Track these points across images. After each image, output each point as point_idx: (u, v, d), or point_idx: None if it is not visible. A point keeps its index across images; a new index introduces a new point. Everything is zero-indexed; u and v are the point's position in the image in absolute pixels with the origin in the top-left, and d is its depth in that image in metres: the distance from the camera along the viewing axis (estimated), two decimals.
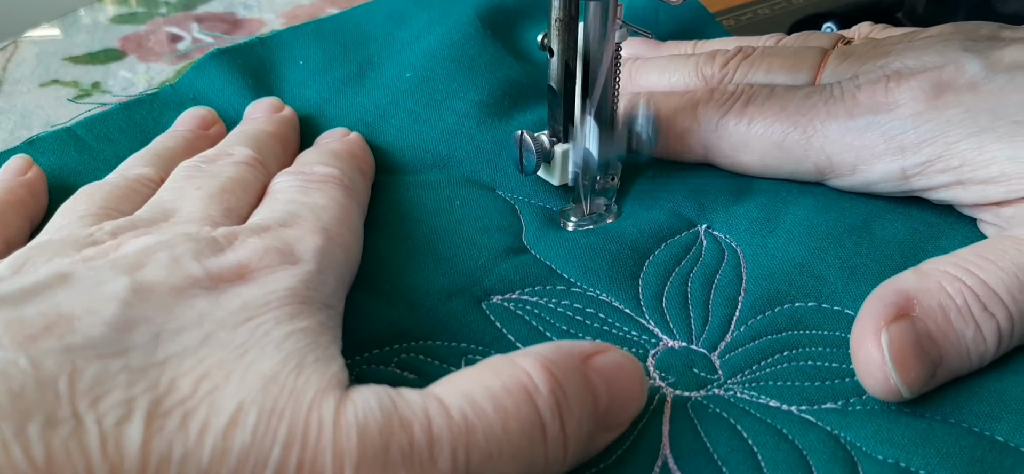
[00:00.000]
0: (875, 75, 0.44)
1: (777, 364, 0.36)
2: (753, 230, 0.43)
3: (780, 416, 0.33)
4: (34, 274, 0.28)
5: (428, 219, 0.44)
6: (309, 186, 0.40)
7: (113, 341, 0.26)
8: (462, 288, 0.40)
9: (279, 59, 0.59)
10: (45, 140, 0.50)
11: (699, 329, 0.38)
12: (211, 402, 0.25)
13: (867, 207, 0.44)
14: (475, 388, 0.28)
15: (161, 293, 0.28)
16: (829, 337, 0.37)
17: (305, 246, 0.34)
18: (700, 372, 0.36)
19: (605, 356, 0.31)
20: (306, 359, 0.28)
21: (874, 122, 0.42)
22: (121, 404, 0.24)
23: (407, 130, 0.52)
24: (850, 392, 0.34)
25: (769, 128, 0.45)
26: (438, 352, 0.36)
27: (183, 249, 0.31)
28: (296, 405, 0.26)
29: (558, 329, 0.38)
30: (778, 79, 0.49)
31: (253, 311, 0.29)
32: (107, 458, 0.22)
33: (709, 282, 0.40)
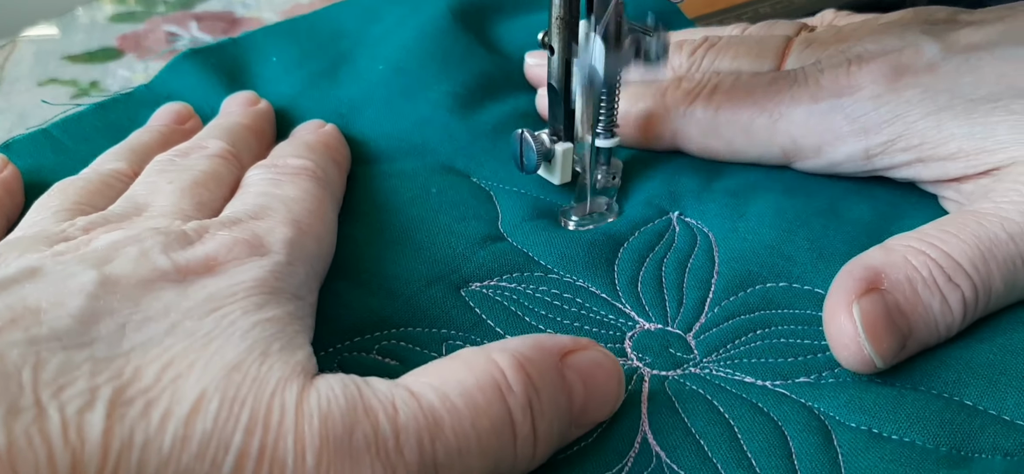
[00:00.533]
0: (837, 60, 0.45)
1: (751, 342, 0.37)
2: (724, 215, 0.44)
3: (755, 391, 0.34)
4: (3, 269, 0.29)
5: (405, 208, 0.45)
6: (281, 178, 0.40)
7: (78, 333, 0.26)
8: (441, 275, 0.40)
9: (252, 58, 0.59)
10: (21, 142, 0.50)
11: (674, 311, 0.39)
12: (174, 390, 0.25)
13: (833, 190, 0.45)
14: (447, 381, 0.28)
15: (128, 286, 0.28)
16: (800, 315, 0.38)
17: (275, 238, 0.34)
18: (676, 352, 0.37)
19: (584, 354, 0.32)
20: (271, 347, 0.28)
21: (837, 105, 0.44)
22: (84, 392, 0.24)
23: (381, 120, 0.52)
24: (822, 366, 0.35)
25: (736, 113, 0.46)
26: (419, 338, 0.37)
27: (152, 242, 0.31)
28: (258, 392, 0.26)
29: (536, 314, 0.38)
30: (744, 66, 0.50)
31: (219, 301, 0.29)
32: (69, 444, 0.23)
33: (682, 266, 0.41)
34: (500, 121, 0.52)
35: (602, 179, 0.44)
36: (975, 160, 0.40)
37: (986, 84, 0.41)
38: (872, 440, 0.32)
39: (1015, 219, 0.36)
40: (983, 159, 0.40)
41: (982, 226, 0.36)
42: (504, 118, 0.52)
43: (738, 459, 0.31)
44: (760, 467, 0.31)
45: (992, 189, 0.39)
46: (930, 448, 0.31)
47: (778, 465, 0.31)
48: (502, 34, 0.62)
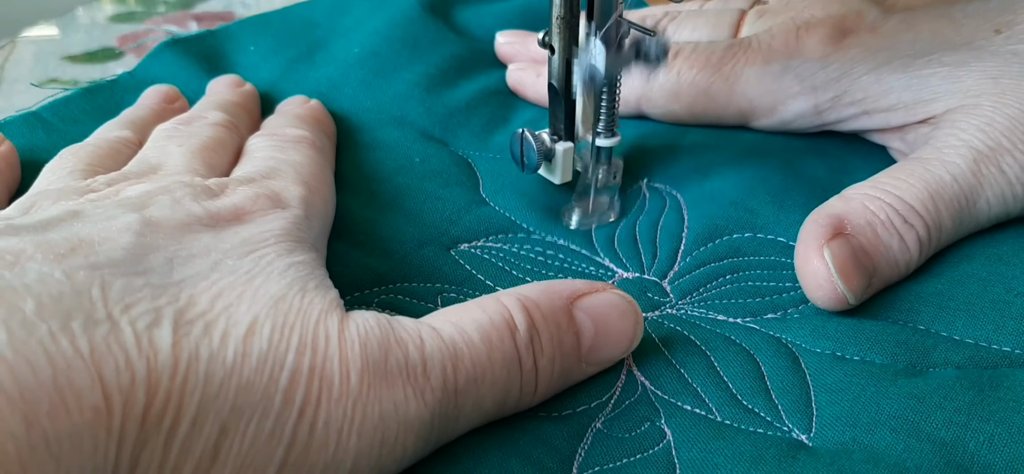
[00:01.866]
0: (787, 26, 0.49)
1: (721, 286, 0.40)
2: (690, 178, 0.47)
3: (727, 327, 0.37)
4: (46, 212, 0.30)
5: (392, 177, 0.48)
6: (284, 145, 0.42)
7: (132, 263, 0.28)
8: (432, 237, 0.43)
9: (230, 47, 0.62)
10: (13, 123, 0.51)
11: (649, 262, 0.42)
12: (228, 316, 0.27)
13: (787, 148, 0.49)
14: (464, 320, 0.31)
15: (168, 227, 0.30)
16: (765, 261, 0.41)
17: (290, 194, 0.37)
18: (653, 296, 0.40)
19: (597, 296, 0.34)
20: (308, 285, 0.30)
21: (788, 66, 0.48)
22: (149, 312, 0.26)
23: (360, 97, 0.55)
24: (788, 304, 0.39)
25: (696, 78, 0.50)
26: (415, 292, 0.39)
27: (182, 192, 0.33)
28: (304, 320, 0.28)
29: (522, 268, 0.41)
30: (702, 36, 0.54)
31: (254, 245, 0.31)
32: (143, 353, 0.24)
33: (654, 225, 0.44)
34: (474, 95, 0.55)
35: (603, 178, 0.45)
36: (914, 110, 0.44)
37: (922, 41, 0.45)
38: (836, 361, 0.35)
39: (956, 162, 0.40)
40: (921, 109, 0.44)
41: (928, 170, 0.39)
42: (477, 93, 0.55)
43: (716, 382, 0.34)
44: (736, 389, 0.34)
45: (932, 136, 0.42)
46: (889, 364, 0.34)
47: (752, 386, 0.34)
48: (469, 19, 0.65)
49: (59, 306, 0.24)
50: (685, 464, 0.31)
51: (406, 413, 0.28)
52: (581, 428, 0.32)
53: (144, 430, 0.24)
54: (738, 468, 0.29)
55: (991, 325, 0.36)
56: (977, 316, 0.36)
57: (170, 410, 0.24)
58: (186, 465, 0.25)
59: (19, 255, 0.26)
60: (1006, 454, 0.29)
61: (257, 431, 0.26)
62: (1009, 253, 0.39)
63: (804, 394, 0.33)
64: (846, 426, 0.31)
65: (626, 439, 0.32)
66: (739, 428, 0.32)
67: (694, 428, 0.32)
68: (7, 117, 0.52)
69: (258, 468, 0.26)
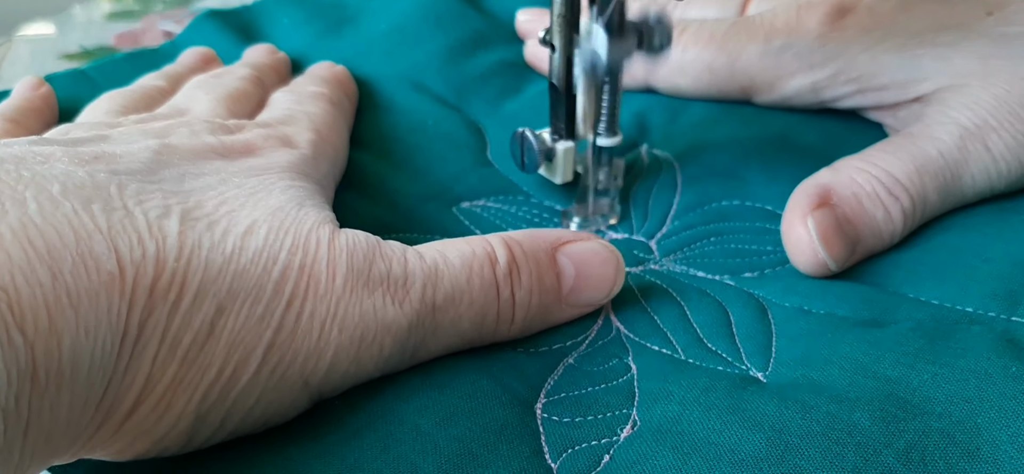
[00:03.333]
0: (789, 6, 0.51)
1: (705, 247, 0.42)
2: (688, 146, 0.50)
3: (705, 282, 0.40)
4: (77, 133, 0.35)
5: (406, 137, 0.51)
6: (303, 98, 0.46)
7: (148, 173, 0.31)
8: (436, 194, 0.46)
9: (265, 21, 0.66)
10: (60, 77, 0.56)
11: (639, 224, 0.44)
12: (230, 218, 0.31)
13: (786, 120, 0.51)
14: (448, 249, 0.34)
15: (184, 151, 0.34)
16: (750, 227, 0.43)
17: (301, 138, 0.41)
18: (639, 254, 0.42)
19: (581, 243, 0.36)
20: (305, 202, 0.34)
21: (788, 45, 0.50)
22: (160, 206, 0.29)
23: (382, 64, 0.59)
24: (766, 265, 0.41)
25: (701, 54, 0.52)
26: (416, 242, 0.41)
27: (200, 126, 0.37)
28: (298, 227, 0.31)
29: (518, 227, 0.44)
30: (710, 14, 0.57)
31: (260, 171, 0.35)
32: (153, 236, 0.28)
33: (648, 191, 0.47)
34: (490, 66, 0.58)
35: (604, 180, 0.44)
36: (906, 88, 0.46)
37: (916, 22, 0.47)
38: (801, 314, 0.37)
39: (943, 138, 0.41)
40: (913, 87, 0.46)
41: (916, 146, 0.41)
42: (493, 64, 0.58)
43: (685, 327, 0.36)
44: (703, 333, 0.36)
45: (922, 114, 0.44)
46: (851, 317, 0.36)
47: (718, 332, 0.36)
48: (493, 3, 0.68)
49: (81, 192, 0.28)
50: (644, 393, 0.33)
51: (384, 317, 0.31)
52: (553, 362, 0.35)
53: (151, 299, 0.27)
54: (690, 395, 0.31)
55: (957, 287, 0.37)
56: (945, 280, 0.38)
57: (174, 286, 0.27)
58: (186, 335, 0.28)
59: (49, 156, 0.29)
60: (947, 390, 0.30)
61: (249, 313, 0.29)
62: (983, 223, 0.41)
63: (766, 340, 0.35)
64: (799, 365, 0.33)
65: (594, 372, 0.34)
66: (700, 366, 0.34)
67: (657, 363, 0.34)
68: (54, 72, 0.56)
69: (248, 346, 0.29)
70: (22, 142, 0.31)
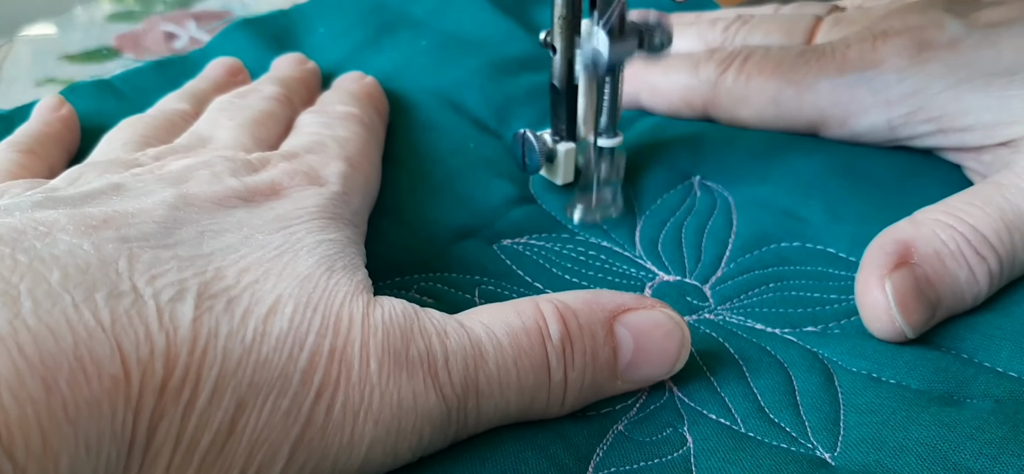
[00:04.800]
0: (863, 35, 0.48)
1: (763, 294, 0.39)
2: (744, 179, 0.46)
3: (764, 337, 0.37)
4: (89, 185, 0.32)
5: (445, 159, 0.48)
6: (332, 121, 0.43)
7: (163, 236, 0.29)
8: (476, 228, 0.43)
9: (301, 28, 0.63)
10: (84, 87, 0.54)
11: (692, 266, 0.41)
12: (252, 292, 0.28)
13: (850, 152, 0.47)
14: (495, 320, 0.31)
15: (203, 201, 0.32)
16: (811, 272, 0.40)
17: (330, 171, 0.38)
18: (693, 300, 0.39)
19: (642, 313, 0.32)
20: (336, 264, 0.31)
21: (862, 78, 0.46)
22: (174, 284, 0.27)
23: (422, 79, 0.56)
24: (829, 318, 0.38)
25: (766, 84, 0.49)
26: (454, 282, 0.40)
27: (222, 167, 0.34)
28: (329, 301, 0.29)
29: (562, 267, 0.41)
30: (774, 42, 0.53)
31: (286, 221, 0.32)
32: (163, 327, 0.25)
33: (701, 228, 0.44)
34: (533, 88, 0.55)
35: (605, 173, 0.45)
36: (992, 132, 0.42)
37: (1004, 59, 0.43)
38: (871, 383, 0.34)
39: None
40: (1000, 131, 0.42)
41: (1006, 199, 0.38)
42: (539, 86, 0.55)
43: (745, 393, 0.34)
44: (765, 402, 0.33)
45: (1012, 161, 0.40)
46: (924, 390, 0.33)
47: (781, 400, 0.33)
48: (541, 19, 0.65)
49: (84, 277, 0.25)
50: (702, 472, 0.30)
51: (424, 404, 0.29)
52: (602, 429, 0.32)
53: (162, 402, 0.24)
54: None
55: None
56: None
57: (188, 384, 0.25)
58: (203, 437, 0.25)
59: (52, 226, 0.27)
60: None
61: (273, 408, 0.26)
62: None
63: (833, 413, 0.33)
64: (872, 448, 0.30)
65: (646, 443, 0.32)
66: (762, 441, 0.31)
67: (716, 437, 0.32)
68: (79, 81, 0.54)
69: (274, 444, 0.26)
70: (25, 204, 0.29)
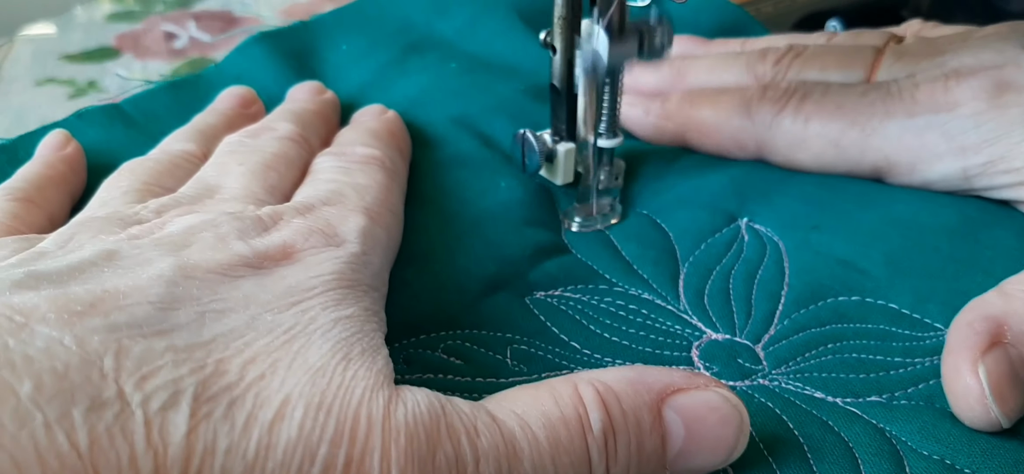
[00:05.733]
0: (933, 73, 0.44)
1: (821, 356, 0.36)
2: (796, 225, 0.43)
3: (825, 407, 0.33)
4: (79, 252, 0.28)
5: (476, 200, 0.45)
6: (351, 167, 0.40)
7: (158, 320, 0.25)
8: (508, 280, 0.40)
9: (322, 44, 0.59)
10: (92, 114, 0.50)
11: (743, 322, 0.38)
12: (257, 391, 0.25)
13: (914, 197, 0.44)
14: (531, 410, 0.28)
15: (206, 272, 0.28)
16: (873, 330, 0.37)
17: (349, 227, 0.34)
18: (745, 362, 0.36)
19: (695, 394, 0.29)
20: (353, 351, 0.27)
21: (934, 122, 0.42)
22: (167, 385, 0.23)
23: (449, 105, 0.52)
24: (895, 386, 0.34)
25: (826, 126, 0.45)
26: (484, 341, 0.36)
27: (228, 228, 0.31)
28: (344, 401, 0.25)
29: (601, 323, 0.38)
30: (832, 77, 0.49)
31: (299, 295, 0.29)
32: (151, 446, 0.22)
33: (751, 278, 0.40)
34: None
35: (605, 180, 0.44)
36: None
37: None
38: (944, 470, 0.31)
39: None
40: None
41: None
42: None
43: None
44: None
45: None
46: None
47: None
48: None
49: (61, 386, 0.22)
50: None
51: None
52: None
53: None
54: None
55: None
56: None
57: None
58: None
59: (30, 315, 0.24)
60: None
61: None
62: None
63: None
64: None
65: None
66: None
67: None
68: (88, 107, 0.51)
69: None
70: (4, 282, 0.25)
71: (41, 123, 0.51)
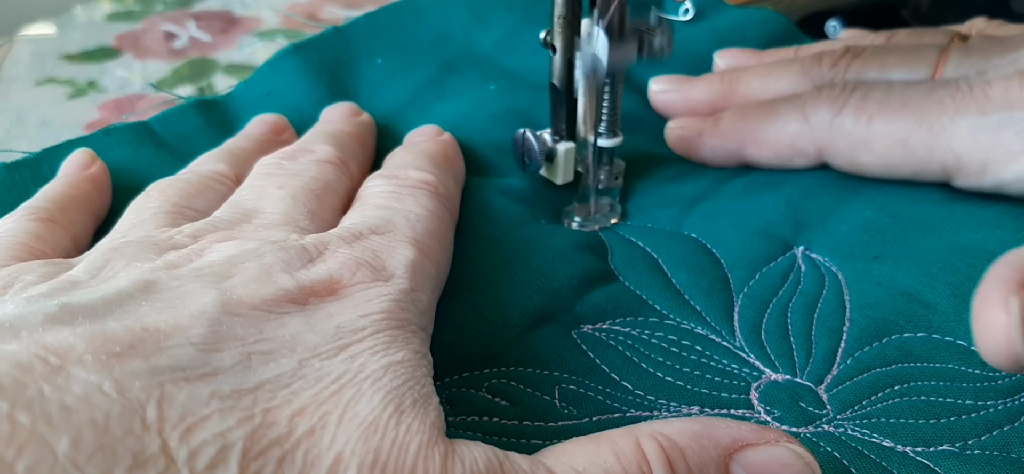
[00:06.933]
0: (1007, 71, 0.42)
1: (888, 399, 0.34)
2: (855, 254, 0.41)
3: (895, 458, 0.31)
4: (115, 282, 0.27)
5: (519, 228, 0.43)
6: (402, 192, 0.38)
7: (202, 362, 0.24)
8: (554, 313, 0.38)
9: (356, 54, 0.57)
10: (120, 131, 0.49)
11: (803, 361, 0.36)
12: (308, 449, 0.23)
13: (987, 221, 0.41)
14: (590, 466, 0.26)
15: (251, 308, 0.26)
16: (942, 370, 0.35)
17: (397, 260, 0.32)
18: (808, 406, 0.34)
19: (765, 450, 0.27)
20: (405, 401, 0.26)
21: (1009, 119, 0.40)
22: (215, 438, 0.22)
23: (490, 131, 0.50)
24: (968, 433, 0.32)
25: (891, 125, 0.43)
26: (531, 379, 0.35)
27: (272, 259, 0.29)
28: (399, 459, 0.24)
29: (654, 361, 0.36)
30: (894, 77, 0.46)
31: (348, 338, 0.27)
32: None
33: (810, 312, 0.38)
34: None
35: (604, 180, 0.44)
36: None
37: None
38: None
39: None
40: None
41: None
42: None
43: None
44: None
45: None
46: None
47: None
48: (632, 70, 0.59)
49: (102, 440, 0.20)
50: None
51: None
52: None
53: None
54: None
55: None
56: None
57: None
58: None
59: (65, 356, 0.22)
60: None
61: None
62: None
63: None
64: None
65: None
66: None
67: None
68: (115, 123, 0.50)
69: None
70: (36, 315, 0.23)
71: (41, 124, 0.51)
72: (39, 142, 0.49)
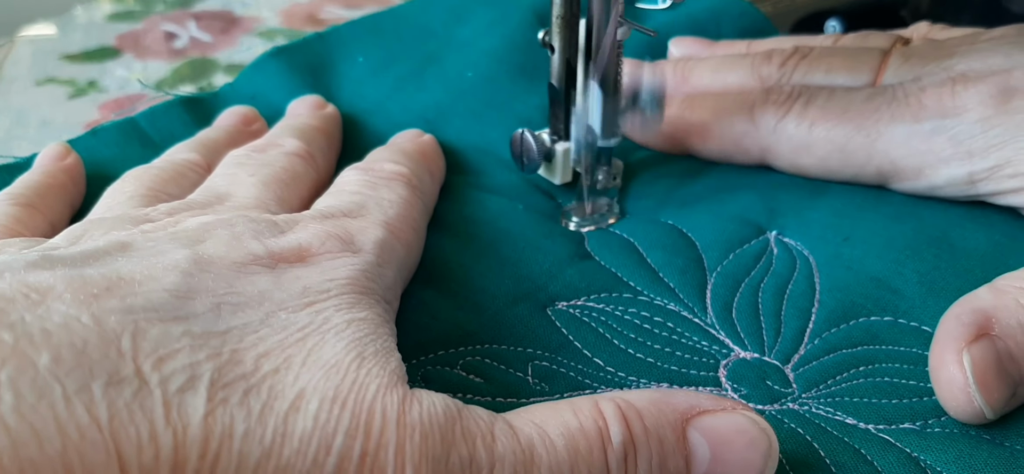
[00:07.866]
0: (940, 77, 0.43)
1: (853, 379, 0.35)
2: (826, 238, 0.42)
3: (858, 435, 0.32)
4: (92, 242, 0.28)
5: (494, 221, 0.44)
6: (376, 182, 0.39)
7: (174, 307, 0.25)
8: (528, 293, 0.39)
9: (338, 56, 0.58)
10: (108, 130, 0.50)
11: (772, 340, 0.37)
12: (272, 383, 0.24)
13: (946, 217, 0.43)
14: (550, 421, 0.27)
15: (221, 266, 0.28)
16: (906, 354, 0.36)
17: (367, 237, 0.33)
18: (774, 385, 0.35)
19: (722, 416, 0.28)
20: (367, 350, 0.27)
21: (941, 126, 0.42)
22: (185, 368, 0.23)
23: (469, 130, 0.51)
24: (929, 412, 0.33)
25: (831, 131, 0.44)
26: (504, 356, 0.35)
27: (243, 227, 0.31)
28: (359, 396, 0.25)
29: (626, 337, 0.37)
30: (838, 80, 0.48)
31: (313, 296, 0.28)
32: (170, 424, 0.22)
33: (781, 292, 0.39)
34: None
35: (603, 180, 0.44)
36: None
37: None
38: None
39: None
40: None
41: None
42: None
43: None
44: None
45: None
46: None
47: None
48: None
49: (80, 360, 0.22)
50: None
51: None
52: None
53: None
54: None
55: None
56: None
57: None
58: None
59: (46, 293, 0.24)
60: None
61: None
62: None
63: None
64: None
65: None
66: None
67: None
68: (103, 123, 0.51)
69: None
70: (18, 264, 0.25)
71: (42, 124, 0.52)
72: (39, 142, 0.50)
